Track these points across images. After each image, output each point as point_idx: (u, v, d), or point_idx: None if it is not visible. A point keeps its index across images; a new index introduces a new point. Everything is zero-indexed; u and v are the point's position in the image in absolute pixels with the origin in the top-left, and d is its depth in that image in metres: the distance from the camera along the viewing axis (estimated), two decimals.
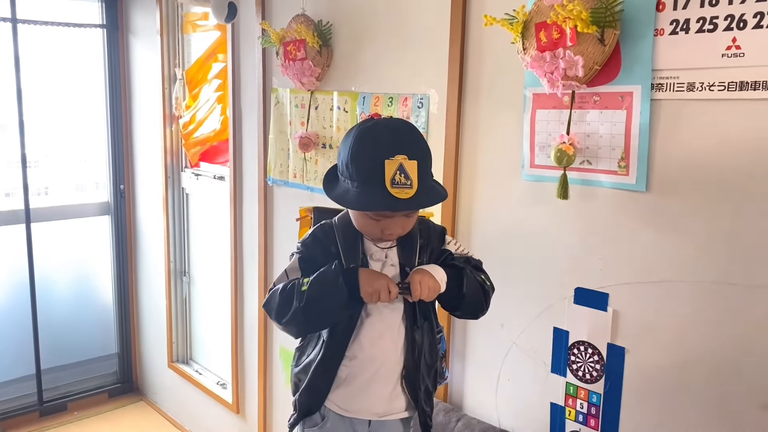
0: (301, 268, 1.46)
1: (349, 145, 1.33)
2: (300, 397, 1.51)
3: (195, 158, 3.16)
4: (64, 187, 3.75)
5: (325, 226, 1.48)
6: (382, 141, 1.30)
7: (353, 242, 1.44)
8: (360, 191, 1.30)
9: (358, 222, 1.41)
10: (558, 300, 1.66)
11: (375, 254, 1.45)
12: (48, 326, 3.53)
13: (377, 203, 1.29)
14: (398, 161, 1.26)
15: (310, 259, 1.46)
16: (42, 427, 3.46)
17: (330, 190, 1.39)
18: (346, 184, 1.34)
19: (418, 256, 1.45)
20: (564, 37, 1.47)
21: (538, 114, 1.63)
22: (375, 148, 1.29)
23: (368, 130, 1.34)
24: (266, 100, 2.55)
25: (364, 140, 1.32)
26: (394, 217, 1.35)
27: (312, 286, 1.37)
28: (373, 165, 1.27)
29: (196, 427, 3.36)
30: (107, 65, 3.54)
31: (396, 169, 1.26)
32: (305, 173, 2.39)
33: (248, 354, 2.88)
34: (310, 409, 1.51)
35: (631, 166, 1.47)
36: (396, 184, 1.26)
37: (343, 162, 1.35)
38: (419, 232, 1.47)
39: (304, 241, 1.49)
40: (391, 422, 1.51)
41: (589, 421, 1.63)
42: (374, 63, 2.10)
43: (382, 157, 1.26)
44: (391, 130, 1.34)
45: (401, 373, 1.48)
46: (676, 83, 1.38)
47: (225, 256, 2.97)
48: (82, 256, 3.74)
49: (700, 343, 1.41)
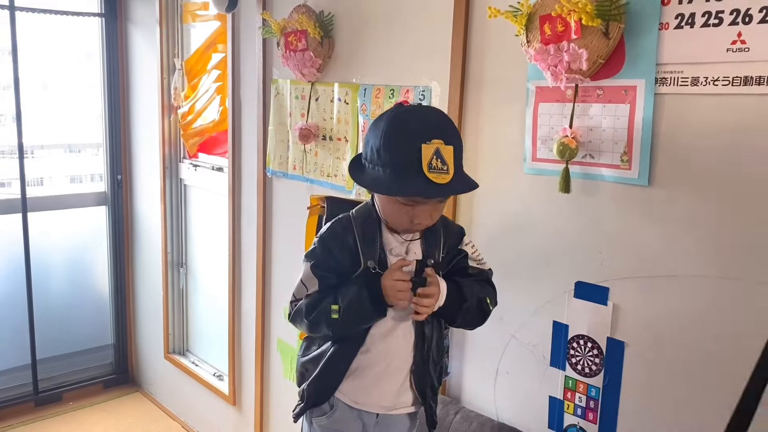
0: (316, 275, 1.43)
1: (381, 130, 1.30)
2: (308, 387, 1.51)
3: (193, 149, 3.15)
4: (61, 178, 3.73)
5: (343, 220, 1.46)
6: (417, 126, 1.29)
7: (372, 236, 1.42)
8: (395, 176, 1.27)
9: (386, 210, 1.38)
10: (558, 294, 1.66)
11: (395, 248, 1.43)
12: (44, 316, 3.52)
13: (414, 188, 1.26)
14: (435, 146, 1.24)
15: (324, 257, 1.43)
16: (37, 417, 3.45)
17: (358, 178, 1.37)
18: (377, 171, 1.31)
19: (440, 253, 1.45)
20: (568, 30, 1.46)
21: (540, 107, 1.63)
22: (411, 132, 1.27)
23: (402, 115, 1.32)
24: (266, 91, 2.54)
25: (399, 125, 1.30)
26: (426, 203, 1.32)
27: (344, 314, 1.38)
28: (410, 149, 1.25)
29: (192, 419, 3.36)
30: (105, 54, 3.52)
31: (433, 153, 1.24)
32: (305, 165, 2.39)
33: (245, 346, 2.87)
34: (319, 399, 1.50)
35: (633, 161, 1.47)
36: (433, 168, 1.24)
37: (373, 148, 1.32)
38: (443, 227, 1.47)
39: (322, 236, 1.46)
40: (398, 416, 1.52)
41: (588, 415, 1.64)
42: (376, 54, 2.09)
43: (418, 142, 1.24)
44: (426, 115, 1.34)
45: (410, 368, 1.48)
46: (680, 77, 1.38)
47: (223, 247, 2.96)
48: (78, 247, 3.74)
49: (701, 338, 1.41)
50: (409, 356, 1.47)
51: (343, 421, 1.50)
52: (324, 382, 1.48)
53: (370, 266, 1.40)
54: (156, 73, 3.22)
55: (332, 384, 1.48)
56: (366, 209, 1.46)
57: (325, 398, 1.50)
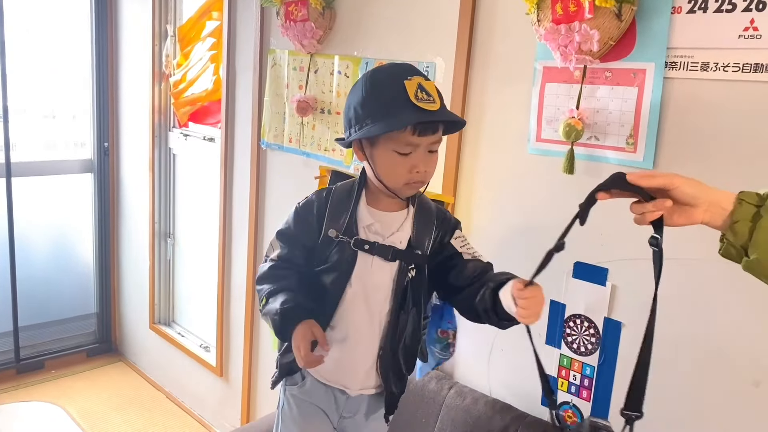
0: (280, 241, 1.46)
1: (359, 88, 1.33)
2: (281, 358, 1.52)
3: (184, 118, 3.11)
4: (45, 143, 3.65)
5: (323, 191, 1.46)
6: (394, 70, 1.32)
7: (344, 207, 1.40)
8: (385, 117, 1.27)
9: (383, 167, 1.34)
10: (556, 273, 1.68)
11: (372, 225, 1.40)
12: (26, 283, 3.47)
13: (407, 118, 1.26)
14: (416, 80, 1.27)
15: (294, 226, 1.45)
16: (19, 384, 3.43)
17: (345, 140, 1.37)
18: (365, 125, 1.30)
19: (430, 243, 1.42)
20: (581, 11, 1.46)
21: (547, 87, 1.63)
22: (390, 76, 1.30)
23: (377, 69, 1.37)
24: (263, 61, 2.50)
25: (377, 76, 1.33)
26: (420, 147, 1.30)
27: (264, 314, 1.42)
28: (394, 89, 1.27)
29: (176, 389, 3.36)
30: (94, 18, 3.44)
31: (416, 86, 1.26)
32: (301, 138, 2.36)
33: (234, 317, 2.87)
34: (291, 370, 1.52)
35: (639, 144, 1.48)
36: (420, 99, 1.26)
37: (354, 108, 1.32)
38: (436, 218, 1.44)
39: (297, 206, 1.47)
40: (364, 396, 1.52)
41: (582, 393, 1.67)
42: (379, 28, 2.06)
43: (400, 80, 1.27)
44: (398, 64, 1.37)
45: (378, 352, 1.46)
46: (690, 62, 1.39)
47: (212, 218, 2.94)
48: (63, 214, 3.68)
49: (697, 321, 1.44)
50: (377, 342, 1.44)
51: (313, 392, 1.51)
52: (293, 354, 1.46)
53: (331, 235, 1.38)
54: (147, 39, 3.16)
55: None
56: (350, 184, 1.45)
57: (297, 369, 1.51)
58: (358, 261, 1.39)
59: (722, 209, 1.00)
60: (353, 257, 1.39)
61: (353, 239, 1.38)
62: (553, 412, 1.28)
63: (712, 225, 1.02)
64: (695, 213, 1.02)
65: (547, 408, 1.72)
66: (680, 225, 1.05)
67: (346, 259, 1.39)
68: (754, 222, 0.96)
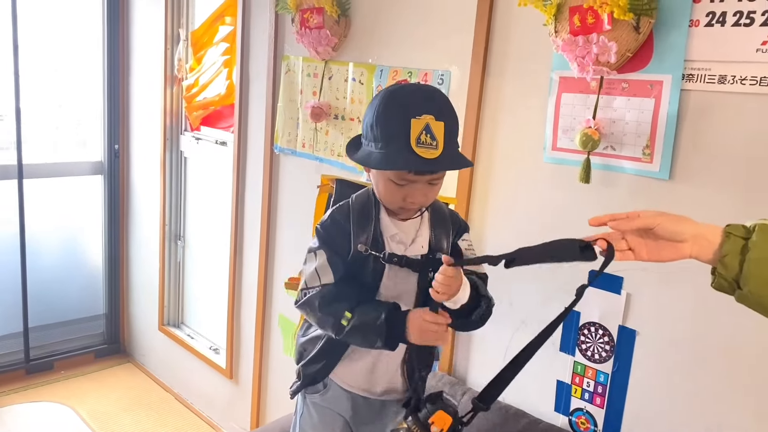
0: (331, 265, 1.40)
1: (374, 107, 1.31)
2: (305, 368, 1.53)
3: (197, 122, 3.13)
4: (55, 145, 3.67)
5: (343, 206, 1.45)
6: (409, 101, 1.28)
7: (366, 219, 1.41)
8: (384, 151, 1.27)
9: (380, 189, 1.37)
10: (571, 282, 1.69)
11: (396, 235, 1.41)
12: (37, 284, 3.49)
13: (401, 162, 1.25)
14: (425, 120, 1.23)
15: (331, 246, 1.41)
16: (29, 385, 3.45)
17: (352, 154, 1.37)
18: (370, 147, 1.31)
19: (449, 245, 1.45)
20: (599, 23, 1.48)
21: (563, 97, 1.65)
22: (402, 107, 1.26)
23: (396, 91, 1.33)
24: (276, 67, 2.52)
25: (391, 101, 1.30)
26: (417, 182, 1.30)
27: (352, 330, 1.34)
28: (399, 124, 1.24)
29: (185, 391, 3.38)
30: (106, 21, 3.46)
31: (422, 128, 1.23)
32: (315, 143, 2.38)
33: (245, 320, 2.89)
34: (314, 379, 1.53)
35: (655, 154, 1.49)
36: (421, 143, 1.22)
37: (367, 124, 1.33)
38: (450, 219, 1.47)
39: (324, 225, 1.44)
40: (388, 402, 1.54)
41: (595, 400, 1.68)
42: (394, 36, 2.08)
43: (408, 116, 1.23)
44: (419, 90, 1.33)
45: (404, 357, 1.49)
46: (707, 75, 1.40)
47: (223, 221, 2.96)
48: (73, 215, 3.70)
49: (713, 330, 1.45)
50: (402, 346, 1.45)
51: (334, 400, 1.52)
52: (320, 363, 1.50)
53: (360, 249, 1.38)
54: (159, 43, 3.18)
55: (328, 366, 1.50)
56: (366, 194, 1.45)
57: (321, 378, 1.52)
58: (385, 272, 1.40)
59: (709, 242, 1.02)
60: (381, 268, 1.40)
61: (383, 253, 1.38)
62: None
63: (701, 259, 1.04)
64: (683, 248, 1.05)
65: (561, 414, 1.74)
66: (670, 260, 1.08)
67: (374, 271, 1.40)
68: (743, 255, 0.97)
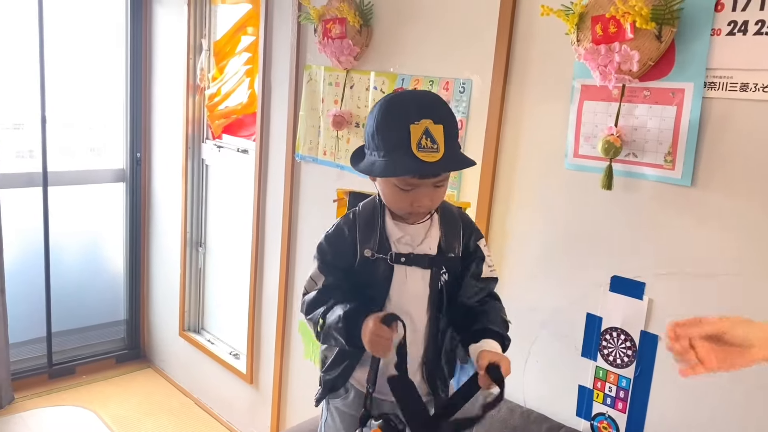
0: (323, 272, 1.46)
1: (374, 116, 1.34)
2: (325, 374, 1.56)
3: (218, 130, 3.18)
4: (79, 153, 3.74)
5: (349, 215, 1.49)
6: (406, 107, 1.31)
7: (371, 225, 1.44)
8: (387, 159, 1.30)
9: (387, 196, 1.40)
10: (593, 287, 1.72)
11: (403, 238, 1.43)
12: (59, 290, 3.55)
13: (404, 168, 1.29)
14: (424, 125, 1.26)
15: (330, 255, 1.46)
16: (51, 389, 3.50)
17: (356, 165, 1.41)
18: (373, 156, 1.34)
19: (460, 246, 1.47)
20: (621, 32, 1.50)
21: (585, 105, 1.67)
22: (400, 114, 1.30)
23: (392, 99, 1.36)
24: (298, 76, 2.57)
25: (389, 109, 1.33)
26: (422, 186, 1.33)
27: (326, 334, 1.42)
28: (399, 131, 1.27)
29: (205, 396, 3.41)
30: (129, 32, 3.53)
31: (422, 133, 1.26)
32: (336, 151, 2.42)
33: (265, 326, 2.92)
34: (335, 386, 1.55)
35: (677, 161, 1.51)
36: (422, 148, 1.26)
37: (369, 134, 1.36)
38: (461, 223, 1.49)
39: (328, 234, 1.49)
40: None
41: (617, 404, 1.70)
42: (415, 45, 2.12)
43: (407, 122, 1.27)
44: (415, 97, 1.38)
45: (422, 360, 1.49)
46: (729, 83, 1.42)
47: (244, 229, 3.00)
48: (95, 222, 3.76)
49: None
50: (420, 348, 1.48)
51: (356, 405, 1.53)
52: (338, 369, 1.52)
53: (367, 255, 1.42)
54: (181, 52, 3.24)
55: (346, 371, 1.52)
56: (371, 202, 1.49)
57: (341, 384, 1.54)
58: (394, 274, 1.43)
59: None
60: (389, 271, 1.43)
61: (389, 254, 1.42)
62: None
63: None
64: (752, 353, 1.06)
65: (583, 419, 1.76)
66: (742, 368, 1.09)
67: (383, 275, 1.43)
68: None
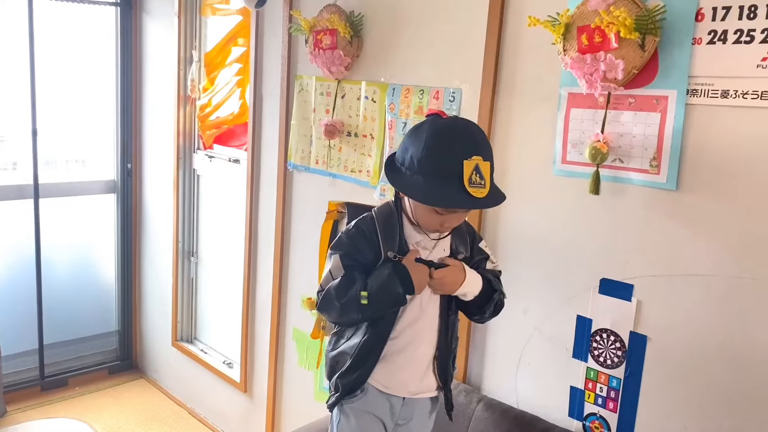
0: (345, 265, 1.53)
1: (423, 141, 1.40)
2: (341, 378, 1.60)
3: (210, 140, 3.20)
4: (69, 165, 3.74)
5: (367, 218, 1.57)
6: (460, 141, 1.40)
7: (392, 230, 1.53)
8: (435, 187, 1.38)
9: (420, 214, 1.49)
10: (583, 290, 1.76)
11: (421, 242, 1.54)
12: (51, 302, 3.55)
13: (456, 200, 1.39)
14: (475, 162, 1.36)
15: (351, 249, 1.54)
16: (44, 401, 3.49)
17: (394, 180, 1.47)
18: (416, 179, 1.41)
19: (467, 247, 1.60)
20: (606, 41, 1.55)
21: (572, 112, 1.72)
22: (453, 147, 1.39)
23: (443, 130, 1.42)
24: (289, 87, 2.60)
25: (442, 140, 1.40)
26: (458, 212, 1.46)
27: (374, 298, 1.47)
28: (452, 163, 1.36)
29: (199, 406, 3.42)
30: (119, 43, 3.55)
31: (473, 169, 1.36)
32: (328, 160, 2.45)
33: (259, 334, 2.94)
34: (352, 388, 1.60)
35: (662, 166, 1.56)
36: (473, 183, 1.36)
37: (414, 157, 1.42)
38: (465, 229, 1.61)
39: (348, 231, 1.57)
40: (422, 400, 1.64)
41: (608, 404, 1.73)
42: (406, 55, 2.16)
43: (460, 157, 1.36)
44: (467, 131, 1.44)
45: (434, 354, 1.60)
46: (710, 90, 1.47)
47: (236, 238, 3.02)
48: (86, 234, 3.76)
49: (722, 335, 1.51)
50: (433, 343, 1.59)
51: (372, 402, 1.61)
52: (357, 372, 1.58)
53: (390, 256, 1.51)
54: (171, 64, 3.26)
55: (364, 372, 1.58)
56: (387, 208, 1.57)
57: (359, 385, 1.59)
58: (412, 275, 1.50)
59: None
60: None
61: None
62: None
63: None
64: None
65: (575, 419, 1.79)
66: None
67: None
68: None
